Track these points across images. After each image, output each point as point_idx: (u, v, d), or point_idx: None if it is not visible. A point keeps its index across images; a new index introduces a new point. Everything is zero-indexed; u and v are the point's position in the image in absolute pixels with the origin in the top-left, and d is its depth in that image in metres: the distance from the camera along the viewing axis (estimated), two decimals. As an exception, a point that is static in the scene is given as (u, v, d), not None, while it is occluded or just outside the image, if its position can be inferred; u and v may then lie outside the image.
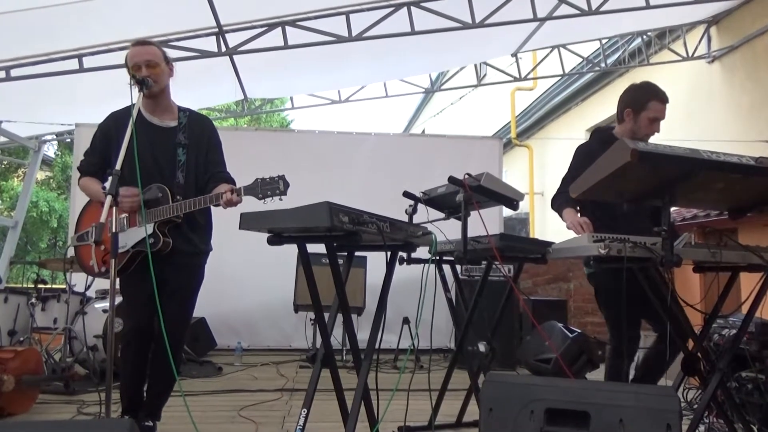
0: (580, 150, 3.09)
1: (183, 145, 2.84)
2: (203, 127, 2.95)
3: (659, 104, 2.91)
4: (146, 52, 2.80)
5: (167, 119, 2.89)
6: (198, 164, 2.88)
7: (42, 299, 4.72)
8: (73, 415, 3.39)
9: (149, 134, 2.81)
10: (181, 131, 2.86)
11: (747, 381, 3.15)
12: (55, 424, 1.42)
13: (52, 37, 5.36)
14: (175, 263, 2.77)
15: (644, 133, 2.91)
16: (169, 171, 2.79)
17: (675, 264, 2.11)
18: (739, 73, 7.17)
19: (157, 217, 2.70)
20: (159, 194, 2.72)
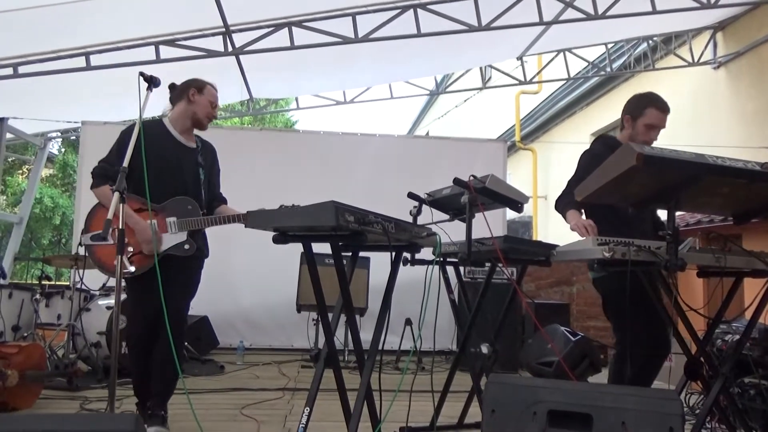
0: (586, 154, 3.09)
1: (202, 166, 3.20)
2: (212, 154, 3.33)
3: (657, 112, 2.93)
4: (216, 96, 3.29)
5: (190, 141, 3.22)
6: (210, 184, 3.25)
7: (46, 295, 4.75)
8: (76, 411, 3.41)
9: (177, 150, 3.14)
10: (199, 153, 3.21)
11: (749, 387, 3.15)
12: (60, 417, 1.43)
13: (60, 35, 5.38)
14: (186, 266, 3.05)
15: (641, 140, 2.91)
16: (195, 187, 3.14)
17: (679, 268, 2.11)
18: (745, 80, 7.17)
19: (193, 226, 3.04)
20: (189, 206, 3.06)
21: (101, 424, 1.34)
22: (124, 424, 1.32)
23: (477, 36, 6.09)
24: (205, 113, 3.17)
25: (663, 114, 2.94)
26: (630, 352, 2.77)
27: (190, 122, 3.17)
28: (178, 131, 3.15)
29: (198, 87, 3.18)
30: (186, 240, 3.02)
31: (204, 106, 3.16)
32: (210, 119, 3.22)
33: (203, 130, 3.24)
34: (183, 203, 3.05)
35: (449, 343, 5.64)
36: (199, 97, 3.15)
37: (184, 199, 3.06)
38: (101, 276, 4.84)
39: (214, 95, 3.22)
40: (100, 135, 6.36)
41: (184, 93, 3.16)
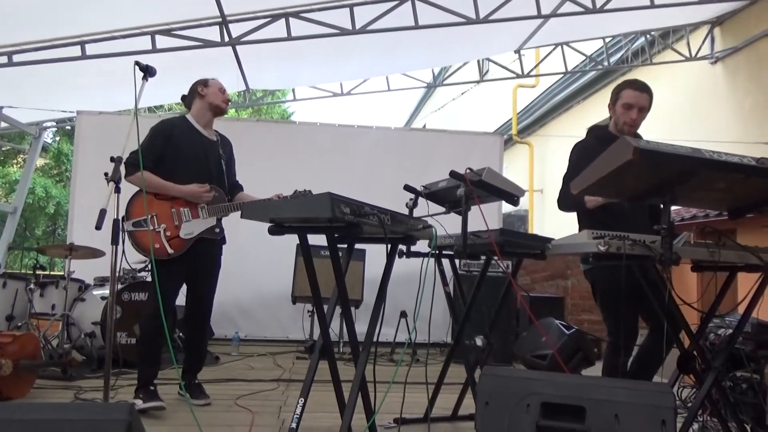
0: (578, 147, 3.12)
1: (223, 157, 3.57)
2: (230, 146, 3.72)
3: (632, 90, 2.99)
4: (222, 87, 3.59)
5: (211, 134, 3.59)
6: (229, 173, 3.63)
7: (40, 285, 4.73)
8: (70, 401, 3.41)
9: (203, 143, 3.50)
10: (219, 146, 3.58)
11: (741, 380, 3.17)
12: (54, 406, 1.43)
13: (55, 24, 5.34)
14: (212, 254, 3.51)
15: (623, 121, 2.98)
16: (218, 176, 3.51)
17: (674, 262, 2.12)
18: (742, 75, 7.17)
19: (221, 212, 3.43)
20: (216, 194, 3.45)
21: (96, 414, 1.34)
22: (118, 413, 1.32)
23: (475, 29, 6.08)
24: (219, 99, 3.52)
25: (639, 92, 2.99)
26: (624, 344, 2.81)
27: (210, 114, 3.52)
28: (201, 126, 3.51)
29: (203, 82, 3.53)
30: (216, 224, 3.43)
31: (215, 93, 3.50)
32: (226, 103, 3.56)
33: (224, 113, 3.62)
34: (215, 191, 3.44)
35: (444, 335, 5.62)
36: (207, 89, 3.50)
37: (212, 187, 3.42)
38: (95, 267, 4.86)
39: (218, 83, 3.57)
40: (95, 124, 6.35)
41: (194, 92, 3.52)
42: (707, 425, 3.01)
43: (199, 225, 3.38)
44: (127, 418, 1.28)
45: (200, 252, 3.40)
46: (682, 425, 2.41)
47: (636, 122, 2.99)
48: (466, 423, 3.18)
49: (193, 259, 3.36)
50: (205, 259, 3.46)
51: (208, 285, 3.57)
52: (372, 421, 2.37)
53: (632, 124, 2.98)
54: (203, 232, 3.38)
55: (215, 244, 3.50)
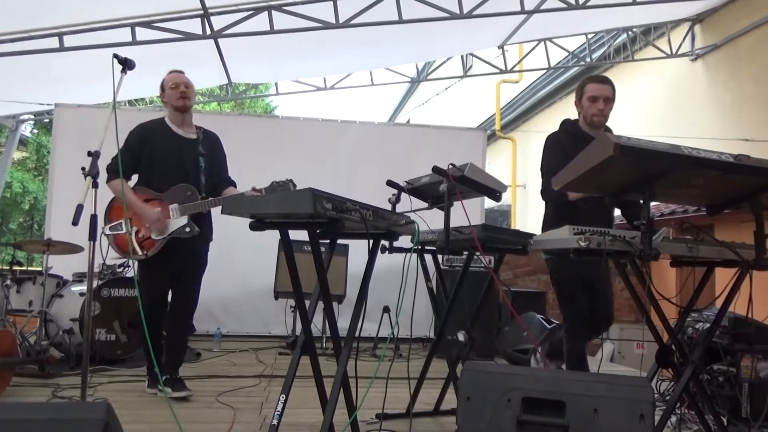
0: (550, 140, 3.21)
1: (203, 155, 3.53)
2: (215, 142, 3.69)
3: (594, 84, 3.12)
4: (185, 78, 3.55)
5: (190, 132, 3.57)
6: (212, 170, 3.57)
7: (17, 281, 4.65)
8: (48, 399, 3.36)
9: (177, 143, 3.50)
10: (200, 143, 3.55)
11: (718, 373, 3.22)
12: (29, 406, 1.41)
13: (33, 15, 5.24)
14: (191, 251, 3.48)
15: (591, 113, 3.09)
16: (194, 174, 3.47)
17: (653, 258, 2.14)
18: (722, 72, 7.27)
19: (192, 210, 3.39)
20: (188, 192, 3.41)
21: (72, 413, 1.31)
22: (95, 412, 1.30)
23: (458, 24, 6.08)
24: (173, 99, 3.48)
25: (601, 84, 3.12)
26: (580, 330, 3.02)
27: (177, 115, 3.52)
28: (176, 126, 3.53)
29: (161, 87, 3.54)
30: (187, 223, 3.39)
31: (170, 95, 3.49)
32: (180, 99, 3.48)
33: (186, 111, 3.54)
34: (183, 190, 3.42)
35: (426, 330, 5.65)
36: (164, 93, 3.52)
37: (185, 186, 3.42)
38: (73, 262, 4.80)
39: (171, 79, 3.52)
40: (74, 118, 6.23)
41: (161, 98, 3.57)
42: (685, 418, 3.05)
43: (169, 225, 3.40)
44: (104, 417, 1.26)
45: (180, 251, 3.41)
46: (660, 418, 2.44)
47: (604, 112, 3.10)
48: (448, 418, 3.19)
49: (174, 259, 3.41)
50: (186, 258, 3.47)
51: (190, 284, 3.57)
52: (354, 417, 2.36)
53: (600, 115, 3.09)
54: (174, 231, 3.39)
55: (195, 242, 3.47)
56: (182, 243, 3.41)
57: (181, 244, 3.41)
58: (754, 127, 6.51)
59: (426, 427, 3.05)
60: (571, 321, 3.10)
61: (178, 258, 3.42)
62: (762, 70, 6.61)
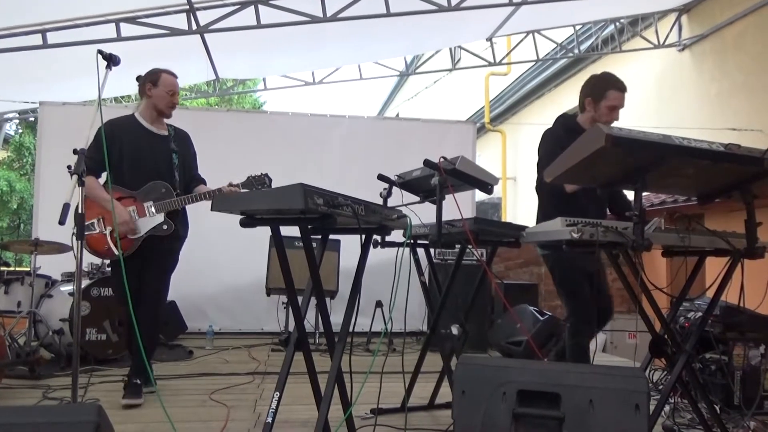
0: (548, 136, 3.16)
1: (175, 151, 3.46)
2: (186, 139, 3.62)
3: (617, 93, 3.07)
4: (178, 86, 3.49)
5: (161, 129, 3.50)
6: (185, 168, 3.52)
7: (5, 282, 4.59)
8: (39, 400, 3.33)
9: (149, 139, 3.42)
10: (172, 140, 3.49)
11: (711, 362, 3.25)
12: (19, 410, 1.38)
13: (14, 11, 5.16)
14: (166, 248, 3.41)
15: (605, 121, 3.04)
16: (168, 171, 3.41)
17: (645, 248, 2.14)
18: (708, 62, 7.30)
19: (168, 207, 3.33)
20: (163, 189, 3.35)
21: (62, 416, 1.29)
22: (86, 414, 1.28)
23: (446, 16, 6.06)
24: (164, 104, 3.41)
25: (622, 94, 3.10)
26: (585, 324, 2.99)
27: (155, 113, 3.44)
28: (148, 122, 3.44)
29: (153, 80, 3.40)
30: (164, 221, 3.34)
31: (162, 97, 3.39)
32: (171, 107, 3.45)
33: (168, 118, 3.51)
34: (157, 187, 3.35)
35: (420, 324, 5.67)
36: (156, 90, 3.39)
37: (158, 183, 3.35)
38: (62, 262, 4.74)
39: (170, 83, 3.43)
40: (59, 116, 6.15)
41: (142, 89, 3.41)
42: (678, 407, 3.07)
43: (145, 223, 3.33)
44: (95, 419, 1.24)
45: (149, 248, 3.34)
46: (654, 408, 2.45)
47: (614, 121, 3.07)
48: (443, 411, 3.19)
49: (143, 255, 3.33)
50: (154, 255, 3.38)
51: (157, 281, 3.44)
52: (349, 413, 2.35)
53: (612, 123, 3.04)
54: (151, 230, 3.33)
55: (165, 240, 3.39)
56: (158, 241, 3.35)
57: (156, 242, 3.35)
58: (741, 116, 6.55)
59: (421, 421, 3.05)
60: (577, 315, 3.05)
61: (145, 256, 3.34)
62: (748, 59, 6.64)
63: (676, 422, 2.91)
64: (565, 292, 3.12)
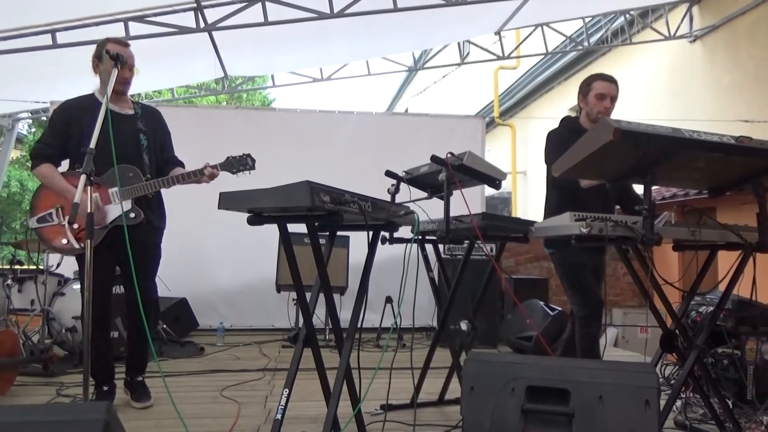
0: (552, 137, 3.19)
1: (143, 132, 3.13)
2: (157, 117, 3.26)
3: (603, 82, 3.11)
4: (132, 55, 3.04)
5: (126, 108, 3.15)
6: (156, 148, 3.20)
7: (18, 280, 4.65)
8: (52, 397, 3.36)
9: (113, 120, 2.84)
10: (139, 120, 3.14)
11: (723, 357, 3.22)
12: (30, 408, 1.40)
13: (23, 11, 5.19)
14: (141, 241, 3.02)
15: (596, 111, 3.09)
16: (136, 154, 3.07)
17: (655, 243, 2.13)
18: (720, 53, 7.21)
19: (136, 193, 2.99)
20: (130, 174, 3.01)
21: (72, 414, 1.30)
22: (96, 413, 1.29)
23: (454, 11, 6.03)
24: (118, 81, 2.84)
25: (609, 83, 3.12)
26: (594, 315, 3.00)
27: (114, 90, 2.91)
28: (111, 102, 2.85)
29: (97, 55, 2.99)
30: (132, 208, 3.00)
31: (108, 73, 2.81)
32: (123, 83, 3.01)
33: (123, 95, 3.14)
34: (123, 172, 2.99)
35: (429, 320, 5.66)
36: (102, 66, 2.93)
37: (125, 167, 2.99)
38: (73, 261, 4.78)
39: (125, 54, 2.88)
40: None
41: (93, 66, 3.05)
42: (690, 402, 3.05)
43: (111, 212, 2.98)
44: (104, 417, 1.25)
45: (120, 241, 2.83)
46: (665, 403, 2.44)
47: (609, 111, 3.11)
48: (452, 407, 3.19)
49: (118, 250, 2.92)
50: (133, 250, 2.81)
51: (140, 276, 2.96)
52: (358, 409, 2.36)
53: (606, 113, 3.12)
54: (117, 219, 2.96)
55: (142, 231, 3.04)
56: (130, 232, 2.84)
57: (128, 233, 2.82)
58: (754, 108, 6.47)
59: (431, 416, 3.05)
60: (586, 308, 3.05)
61: (122, 250, 2.81)
62: (761, 50, 6.55)
63: (687, 417, 2.89)
64: (571, 288, 3.12)
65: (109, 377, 3.18)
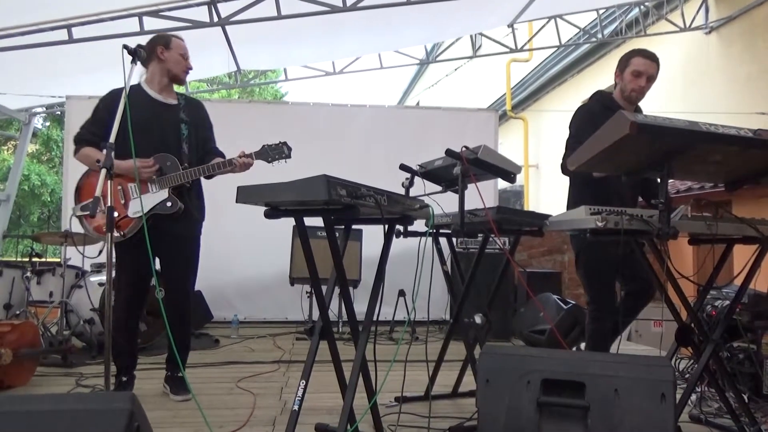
0: (581, 111, 3.10)
1: (185, 122, 3.16)
2: (199, 109, 3.31)
3: (641, 59, 3.00)
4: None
5: (170, 98, 3.21)
6: (197, 139, 3.22)
7: (37, 273, 4.72)
8: (72, 387, 3.42)
9: (155, 109, 3.13)
10: (182, 110, 3.19)
11: (739, 351, 3.20)
12: (54, 397, 1.43)
13: (40, 7, 5.24)
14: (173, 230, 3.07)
15: (630, 89, 2.99)
16: (175, 143, 3.10)
17: (671, 236, 2.12)
18: (737, 45, 7.12)
19: (172, 182, 3.01)
20: (168, 162, 3.04)
21: (97, 403, 1.33)
22: (121, 402, 1.32)
23: (467, 3, 6.00)
24: (180, 68, 3.16)
25: (649, 61, 3.00)
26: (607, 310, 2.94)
27: (166, 79, 3.17)
28: (155, 90, 3.17)
29: (164, 43, 3.15)
30: (168, 197, 3.01)
31: (176, 61, 3.14)
32: (186, 72, 3.21)
33: (182, 84, 3.30)
34: (162, 160, 3.04)
35: (443, 313, 5.68)
36: (169, 53, 3.13)
37: (164, 156, 3.05)
38: (92, 253, 4.85)
39: (182, 47, 3.19)
40: (85, 109, 6.15)
41: (152, 53, 3.13)
42: (705, 396, 3.05)
43: (148, 200, 2.99)
44: (129, 407, 1.28)
45: (162, 231, 2.99)
46: (680, 397, 2.44)
47: (644, 90, 3.01)
48: (466, 400, 3.21)
49: (157, 240, 2.89)
50: (170, 240, 3.06)
51: (178, 268, 3.18)
52: (374, 401, 2.38)
53: (640, 92, 3.00)
54: (154, 207, 3.00)
55: (180, 222, 3.07)
56: (165, 223, 3.01)
57: (162, 223, 3.00)
58: (771, 100, 6.39)
59: (445, 409, 3.06)
60: (597, 302, 3.03)
61: (160, 240, 2.92)
62: (779, 41, 6.47)
63: (703, 411, 2.88)
64: (587, 278, 3.09)
65: (130, 368, 3.23)
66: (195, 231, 3.24)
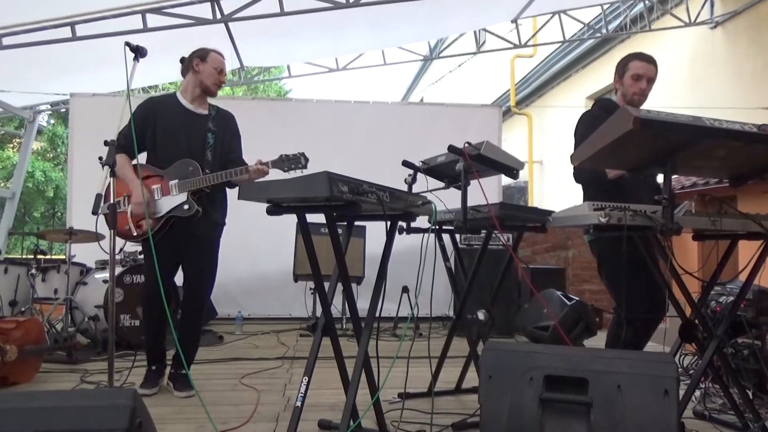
0: (585, 118, 3.07)
1: (212, 132, 3.34)
2: (228, 120, 3.48)
3: (640, 62, 2.98)
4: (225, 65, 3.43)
5: (201, 108, 3.39)
6: (223, 148, 3.36)
7: (42, 270, 4.74)
8: (77, 384, 3.44)
9: (185, 117, 3.32)
10: (211, 120, 3.37)
11: (743, 347, 3.19)
12: (58, 393, 1.43)
13: (43, 4, 5.24)
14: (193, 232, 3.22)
15: (632, 93, 2.95)
16: (200, 150, 3.27)
17: (675, 232, 2.11)
18: (742, 39, 7.07)
19: (191, 186, 3.16)
20: (190, 168, 3.19)
21: (100, 400, 1.34)
22: (122, 398, 1.33)
23: (471, -1, 5.97)
24: (211, 81, 3.33)
25: (647, 63, 2.98)
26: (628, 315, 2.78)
27: (199, 90, 3.35)
28: (188, 100, 3.35)
29: (201, 56, 3.34)
30: (186, 200, 3.17)
31: (209, 74, 3.32)
32: (218, 86, 3.39)
33: (213, 96, 3.43)
34: (185, 165, 3.21)
35: (446, 309, 5.67)
36: (203, 66, 3.32)
37: (187, 161, 3.22)
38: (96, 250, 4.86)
39: (218, 61, 3.38)
40: (89, 107, 6.28)
41: (189, 64, 3.34)
42: (709, 392, 3.04)
43: (167, 203, 3.18)
44: (131, 403, 1.28)
45: (182, 232, 3.20)
46: (684, 393, 2.43)
47: (645, 92, 2.97)
48: (469, 396, 3.21)
49: (176, 242, 3.20)
50: (188, 242, 3.25)
51: (196, 269, 3.34)
52: (376, 397, 2.38)
53: (642, 94, 2.96)
54: (172, 210, 3.17)
55: (200, 225, 3.23)
56: (185, 225, 3.19)
57: (182, 225, 3.19)
58: (777, 95, 6.35)
59: (448, 405, 3.07)
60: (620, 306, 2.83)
61: (180, 242, 3.20)
62: (785, 35, 6.42)
63: (707, 407, 2.87)
64: (609, 282, 2.97)
65: (159, 359, 3.37)
66: (213, 233, 3.38)
